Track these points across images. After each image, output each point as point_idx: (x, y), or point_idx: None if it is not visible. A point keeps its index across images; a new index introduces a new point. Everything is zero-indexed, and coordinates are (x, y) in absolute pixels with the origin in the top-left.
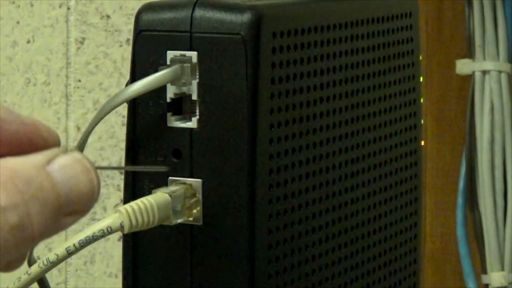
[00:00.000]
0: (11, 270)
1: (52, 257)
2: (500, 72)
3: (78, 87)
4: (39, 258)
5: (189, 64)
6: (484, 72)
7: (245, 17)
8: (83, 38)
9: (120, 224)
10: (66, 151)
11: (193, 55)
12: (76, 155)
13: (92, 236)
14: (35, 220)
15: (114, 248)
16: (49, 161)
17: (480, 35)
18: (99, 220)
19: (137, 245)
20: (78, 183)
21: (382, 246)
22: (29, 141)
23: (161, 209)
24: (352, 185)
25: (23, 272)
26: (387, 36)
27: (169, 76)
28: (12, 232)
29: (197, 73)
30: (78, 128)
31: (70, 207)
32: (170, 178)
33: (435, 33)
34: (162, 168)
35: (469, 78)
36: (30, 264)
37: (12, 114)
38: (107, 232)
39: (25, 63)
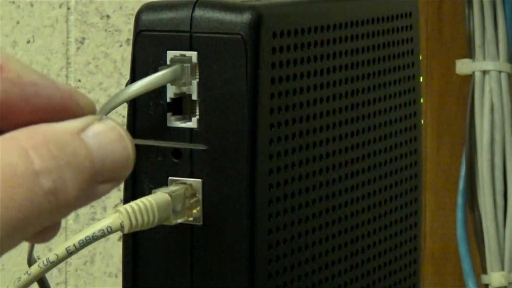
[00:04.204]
0: (46, 240)
1: (52, 257)
2: (500, 72)
3: (78, 87)
4: (39, 258)
5: (189, 64)
6: (484, 72)
7: (245, 17)
8: (83, 38)
9: (120, 224)
10: (101, 118)
11: (193, 55)
12: (111, 122)
13: (92, 236)
14: (70, 186)
15: (114, 248)
16: (84, 128)
17: (480, 35)
18: (99, 220)
19: (137, 245)
20: (112, 150)
21: (382, 246)
22: (64, 108)
23: (161, 209)
24: (352, 185)
25: (23, 272)
26: (387, 36)
27: (169, 76)
28: (46, 197)
29: (197, 73)
30: None
31: (105, 175)
32: (170, 178)
33: (435, 33)
34: (200, 146)
35: (469, 78)
36: (30, 264)
37: (47, 79)
38: (107, 232)
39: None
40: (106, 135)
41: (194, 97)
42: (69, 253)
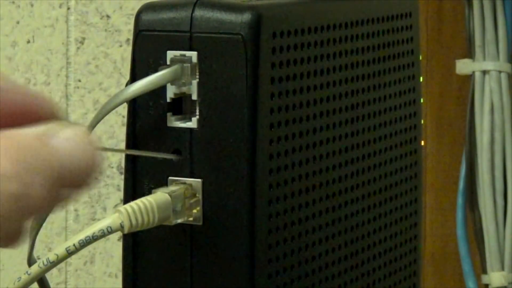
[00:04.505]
0: (11, 245)
1: (52, 257)
2: (500, 72)
3: (78, 87)
4: (39, 258)
5: (189, 64)
6: (484, 72)
7: (245, 17)
8: (83, 38)
9: (120, 224)
10: (68, 124)
11: (193, 55)
12: (78, 128)
13: (92, 236)
14: (35, 190)
15: (114, 248)
16: (52, 133)
17: (480, 35)
18: (99, 220)
19: (137, 245)
20: (79, 156)
21: (382, 246)
22: (32, 113)
23: (161, 209)
24: (352, 185)
25: (23, 272)
26: (387, 36)
27: (169, 76)
28: (11, 201)
29: (197, 73)
30: None
31: (69, 180)
32: (170, 178)
33: (435, 33)
34: (169, 156)
35: (469, 78)
36: (30, 264)
37: (14, 84)
38: (107, 232)
39: (25, 63)
40: (73, 141)
41: (194, 97)
42: (69, 253)
